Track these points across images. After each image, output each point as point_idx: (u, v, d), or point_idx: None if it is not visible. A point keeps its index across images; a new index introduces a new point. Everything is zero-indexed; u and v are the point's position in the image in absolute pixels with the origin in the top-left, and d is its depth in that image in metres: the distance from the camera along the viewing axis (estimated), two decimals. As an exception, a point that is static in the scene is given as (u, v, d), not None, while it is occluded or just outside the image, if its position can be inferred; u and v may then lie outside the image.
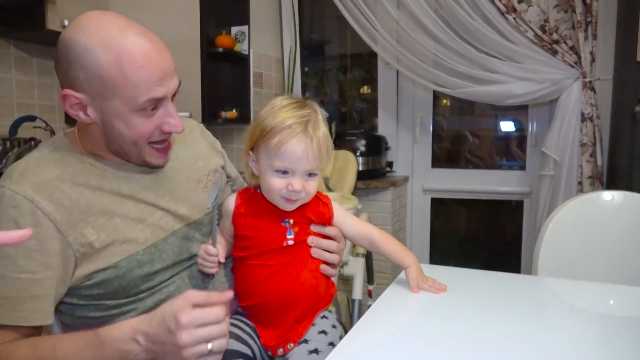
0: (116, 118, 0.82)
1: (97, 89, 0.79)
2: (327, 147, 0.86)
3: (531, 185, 2.67)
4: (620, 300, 1.01)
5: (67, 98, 0.81)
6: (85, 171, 0.85)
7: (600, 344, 0.78)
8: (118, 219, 0.84)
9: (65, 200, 0.80)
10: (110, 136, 0.85)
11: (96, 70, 0.77)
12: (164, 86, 0.82)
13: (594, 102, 2.24)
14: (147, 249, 0.86)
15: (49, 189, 0.80)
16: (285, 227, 0.89)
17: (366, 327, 0.83)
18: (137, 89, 0.79)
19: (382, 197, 2.60)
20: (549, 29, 2.24)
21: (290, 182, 0.84)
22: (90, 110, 0.82)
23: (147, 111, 0.82)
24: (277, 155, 0.83)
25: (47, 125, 2.04)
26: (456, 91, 2.50)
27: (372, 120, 3.07)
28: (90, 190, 0.84)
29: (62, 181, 0.82)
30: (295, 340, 0.90)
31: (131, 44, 0.78)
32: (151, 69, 0.79)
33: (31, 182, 0.79)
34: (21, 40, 2.06)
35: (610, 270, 1.34)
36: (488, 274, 1.13)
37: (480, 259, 3.05)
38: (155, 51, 0.81)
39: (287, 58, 3.03)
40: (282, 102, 0.87)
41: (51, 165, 0.83)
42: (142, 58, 0.78)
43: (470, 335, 0.78)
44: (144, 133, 0.84)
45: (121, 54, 0.77)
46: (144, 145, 0.86)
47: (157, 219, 0.89)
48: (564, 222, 1.37)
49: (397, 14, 2.55)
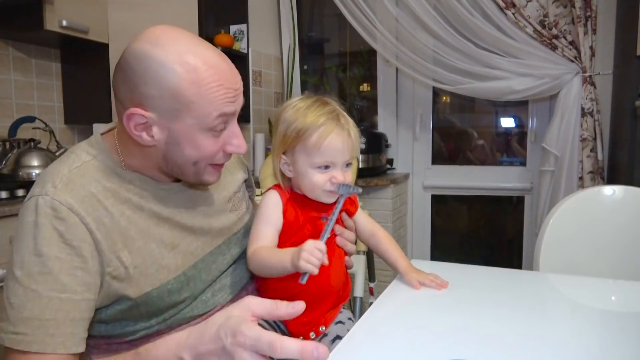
0: (184, 138, 0.77)
1: (170, 107, 0.75)
2: (358, 137, 0.91)
3: (532, 181, 2.67)
4: (621, 295, 1.01)
5: (132, 117, 0.75)
6: (125, 189, 0.80)
7: (602, 339, 0.78)
8: (153, 244, 0.80)
9: (107, 218, 0.76)
10: (171, 157, 0.80)
11: (172, 87, 0.73)
12: (234, 104, 0.79)
13: (594, 97, 2.23)
14: (177, 277, 0.83)
15: (93, 204, 0.75)
16: (324, 223, 0.91)
17: (368, 325, 0.83)
18: (210, 106, 0.75)
19: (382, 195, 2.60)
20: (549, 24, 2.24)
21: (333, 175, 0.88)
22: (155, 131, 0.76)
23: (216, 131, 0.78)
24: (319, 151, 0.86)
25: (47, 125, 2.04)
26: (456, 88, 2.49)
27: (372, 118, 3.07)
28: (131, 210, 0.79)
29: (106, 197, 0.77)
30: (317, 331, 0.92)
31: (209, 62, 0.75)
32: (227, 87, 0.77)
33: (76, 195, 0.74)
34: (19, 41, 2.06)
35: (611, 266, 1.34)
36: (489, 270, 1.13)
37: (481, 256, 3.05)
38: (229, 70, 0.78)
39: (286, 56, 3.03)
40: (304, 102, 0.90)
41: (95, 178, 0.78)
42: (217, 76, 0.76)
43: (472, 332, 0.78)
44: (209, 153, 0.80)
45: (199, 71, 0.74)
46: (203, 166, 0.82)
47: (188, 244, 0.86)
48: (564, 217, 1.37)
49: (396, 11, 2.54)
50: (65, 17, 1.89)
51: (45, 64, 2.19)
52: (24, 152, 1.86)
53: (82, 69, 2.22)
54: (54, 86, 2.24)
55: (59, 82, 2.26)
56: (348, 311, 1.01)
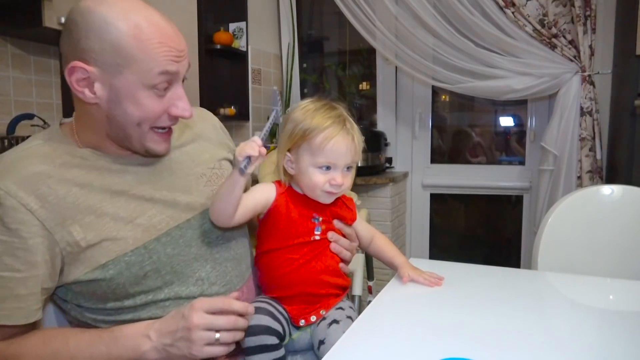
0: (126, 95, 0.78)
1: (112, 61, 0.76)
2: (361, 143, 0.95)
3: (531, 180, 2.67)
4: (619, 294, 1.01)
5: (75, 70, 0.77)
6: (75, 166, 0.82)
7: (600, 337, 0.78)
8: (107, 218, 0.81)
9: (52, 196, 0.78)
10: (113, 118, 0.81)
11: (114, 42, 0.75)
12: (179, 63, 0.81)
13: (593, 96, 2.23)
14: (136, 249, 0.82)
15: (34, 184, 0.77)
16: (315, 224, 0.95)
17: (366, 323, 0.83)
18: (151, 62, 0.77)
19: (381, 193, 2.60)
20: (548, 23, 2.24)
21: (332, 177, 0.92)
22: (97, 87, 0.78)
23: (158, 89, 0.80)
24: (323, 152, 0.90)
25: (45, 123, 2.04)
26: (455, 86, 2.49)
27: (371, 117, 3.07)
28: (79, 186, 0.80)
29: (49, 176, 0.79)
30: (317, 314, 0.94)
31: (152, 21, 0.78)
32: (169, 46, 0.79)
33: (15, 177, 0.76)
34: (18, 38, 2.05)
35: (609, 265, 1.34)
36: (487, 268, 1.13)
37: (480, 254, 3.05)
38: (173, 32, 0.81)
39: (285, 54, 3.03)
40: (314, 104, 0.94)
41: (39, 159, 0.80)
42: (160, 36, 0.78)
43: (470, 330, 0.78)
44: (152, 113, 0.81)
45: (142, 28, 0.77)
46: (147, 128, 0.83)
47: (149, 217, 0.85)
48: (563, 216, 1.37)
49: (396, 9, 2.54)
50: (64, 14, 1.87)
51: (44, 61, 2.18)
52: (22, 149, 1.85)
53: (80, 66, 2.22)
54: (53, 83, 2.23)
55: (58, 79, 2.25)
56: (348, 301, 1.02)
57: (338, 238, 0.99)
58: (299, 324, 0.94)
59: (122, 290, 0.83)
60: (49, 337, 0.79)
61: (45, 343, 0.78)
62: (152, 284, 0.85)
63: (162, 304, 0.86)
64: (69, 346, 0.77)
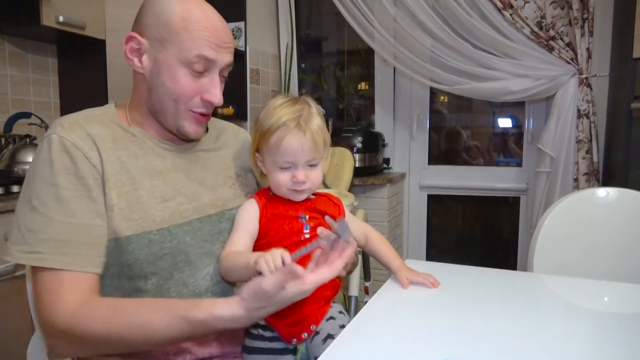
0: (165, 69, 0.85)
1: (160, 36, 0.85)
2: (322, 138, 0.92)
3: (527, 182, 2.68)
4: (614, 297, 1.01)
5: (130, 40, 0.87)
6: (125, 138, 0.88)
7: (595, 340, 0.79)
8: (143, 192, 0.85)
9: (102, 158, 0.83)
10: (154, 89, 0.87)
11: (165, 18, 0.84)
12: (218, 53, 0.87)
13: (590, 98, 2.24)
14: (161, 230, 0.85)
15: (95, 143, 0.83)
16: (302, 223, 0.93)
17: (363, 324, 0.83)
18: (192, 43, 0.84)
19: (378, 194, 2.60)
20: (546, 26, 2.24)
21: (294, 174, 0.90)
22: (144, 58, 0.87)
23: (194, 70, 0.86)
24: (278, 152, 0.89)
25: (43, 122, 2.03)
26: (453, 88, 2.50)
27: (369, 117, 3.07)
28: (126, 157, 0.86)
29: (104, 141, 0.84)
30: (308, 330, 0.92)
31: (202, 10, 0.86)
32: (212, 33, 0.85)
33: (80, 133, 0.82)
34: (16, 36, 2.05)
35: (605, 267, 1.34)
36: (484, 270, 1.13)
37: (477, 256, 3.06)
38: (221, 24, 0.88)
39: (283, 54, 3.03)
40: (276, 102, 0.93)
41: (99, 125, 0.86)
42: (206, 22, 0.85)
43: (466, 331, 0.79)
44: (186, 91, 0.87)
45: (191, 11, 0.85)
46: (183, 107, 0.88)
47: (178, 204, 0.89)
48: (559, 218, 1.38)
49: (394, 10, 2.54)
50: (62, 12, 1.88)
51: (42, 59, 2.18)
52: (19, 148, 1.85)
53: (78, 65, 2.21)
54: (50, 82, 2.23)
55: (55, 78, 2.25)
56: (339, 304, 1.01)
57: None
58: (291, 343, 0.92)
59: (138, 267, 0.84)
60: (118, 308, 0.78)
61: (114, 311, 0.77)
62: (165, 267, 0.86)
63: (167, 292, 0.87)
64: (142, 321, 0.75)
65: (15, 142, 1.91)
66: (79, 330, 0.75)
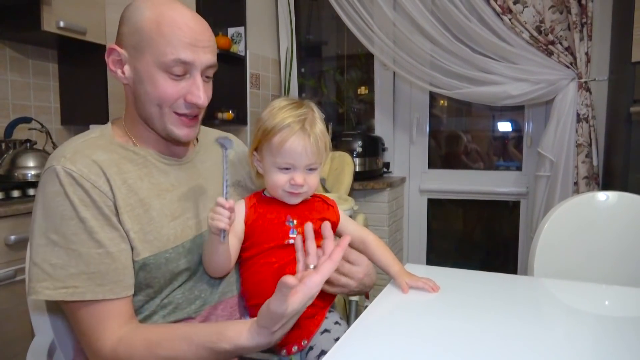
0: (145, 76, 0.85)
1: (135, 43, 0.84)
2: (324, 143, 0.92)
3: (527, 186, 2.68)
4: (615, 300, 1.01)
5: (111, 52, 0.87)
6: (128, 160, 0.87)
7: (596, 344, 0.79)
8: (153, 213, 0.85)
9: (109, 185, 0.82)
10: (139, 97, 0.87)
11: (137, 24, 0.84)
12: (195, 54, 0.84)
13: (589, 102, 2.24)
14: (176, 247, 0.86)
15: (97, 172, 0.82)
16: (289, 227, 0.92)
17: (363, 328, 0.83)
18: (167, 46, 0.82)
19: (378, 198, 2.60)
20: (545, 30, 2.25)
21: (292, 177, 0.89)
22: (126, 68, 0.87)
23: (173, 74, 0.84)
24: (280, 152, 0.88)
25: (43, 126, 2.04)
26: (452, 92, 2.50)
27: (369, 121, 3.07)
28: (132, 180, 0.85)
29: (109, 166, 0.84)
30: (299, 343, 0.91)
31: (175, 11, 0.84)
32: (186, 32, 0.83)
33: (85, 162, 0.81)
34: (17, 41, 2.06)
35: (605, 271, 1.34)
36: (484, 274, 1.13)
37: (477, 260, 3.05)
38: (195, 22, 0.85)
39: (283, 59, 3.03)
40: (280, 103, 0.92)
41: (100, 150, 0.85)
42: (180, 22, 0.83)
43: (467, 336, 0.79)
44: (167, 95, 0.85)
45: (163, 14, 0.83)
46: (167, 110, 0.87)
47: (187, 219, 0.90)
48: (559, 222, 1.38)
49: (394, 15, 2.55)
50: (63, 18, 1.89)
51: (43, 64, 2.19)
52: (19, 152, 1.85)
53: (79, 70, 2.22)
54: (51, 87, 2.23)
55: (56, 82, 2.26)
56: (336, 314, 0.99)
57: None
58: (280, 354, 0.91)
59: (158, 285, 0.86)
60: (152, 345, 0.78)
61: (148, 349, 0.78)
62: (184, 279, 0.89)
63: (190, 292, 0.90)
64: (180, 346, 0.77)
65: (15, 147, 1.91)
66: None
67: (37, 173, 1.81)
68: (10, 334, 1.47)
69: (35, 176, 1.80)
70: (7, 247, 1.46)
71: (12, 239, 1.46)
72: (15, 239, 1.46)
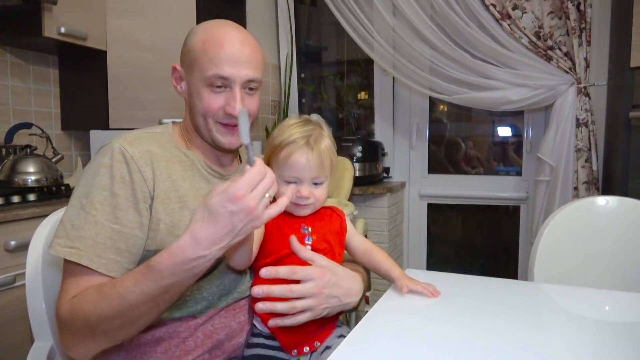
0: (194, 90, 0.95)
1: (188, 62, 0.96)
2: (329, 158, 0.96)
3: (527, 191, 2.68)
4: (615, 306, 1.01)
5: (173, 70, 1.00)
6: (178, 161, 0.95)
7: (596, 349, 0.78)
8: (187, 212, 0.91)
9: (155, 174, 0.89)
10: (191, 109, 0.98)
11: (190, 45, 0.95)
12: (234, 68, 0.92)
13: (588, 107, 2.25)
14: None
15: (147, 161, 0.89)
16: (304, 234, 0.95)
17: (363, 333, 0.83)
18: (208, 63, 0.92)
19: (378, 203, 2.60)
20: (544, 36, 2.26)
21: (298, 189, 0.93)
22: (183, 84, 0.99)
23: (214, 87, 0.93)
24: (286, 166, 0.93)
25: (43, 132, 2.04)
26: (452, 97, 2.51)
27: (369, 126, 3.08)
28: (177, 177, 0.93)
29: (160, 159, 0.92)
30: (312, 345, 0.93)
31: (221, 31, 0.94)
32: (226, 50, 0.92)
33: (139, 148, 0.90)
34: (17, 47, 2.06)
35: (605, 276, 1.34)
36: (484, 279, 1.13)
37: (477, 265, 3.05)
38: (239, 41, 0.94)
39: (283, 64, 3.04)
40: (289, 121, 0.99)
41: (158, 144, 0.94)
42: (223, 41, 0.92)
43: (467, 341, 0.79)
44: (210, 107, 0.94)
45: (210, 35, 0.94)
46: (211, 120, 0.95)
47: None
48: (559, 227, 1.38)
49: (393, 21, 2.56)
50: (64, 24, 1.89)
51: (43, 70, 2.19)
52: (20, 158, 1.85)
53: (79, 75, 2.23)
54: (52, 92, 2.24)
55: (57, 88, 2.26)
56: (345, 328, 1.01)
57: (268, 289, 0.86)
58: (290, 353, 0.92)
59: None
60: (101, 285, 0.81)
61: (98, 290, 0.80)
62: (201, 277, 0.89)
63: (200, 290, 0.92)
64: (116, 288, 0.78)
65: (16, 153, 1.91)
66: (74, 316, 0.79)
67: (37, 179, 1.81)
68: (10, 339, 1.47)
69: (35, 182, 1.80)
70: (7, 253, 1.46)
71: (12, 244, 1.46)
72: (15, 244, 1.46)
